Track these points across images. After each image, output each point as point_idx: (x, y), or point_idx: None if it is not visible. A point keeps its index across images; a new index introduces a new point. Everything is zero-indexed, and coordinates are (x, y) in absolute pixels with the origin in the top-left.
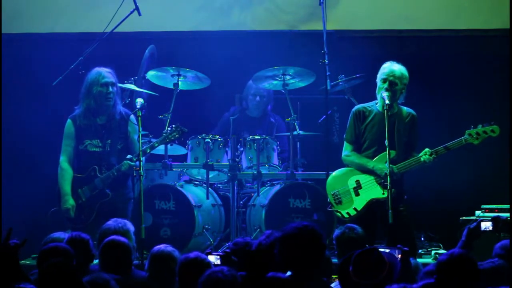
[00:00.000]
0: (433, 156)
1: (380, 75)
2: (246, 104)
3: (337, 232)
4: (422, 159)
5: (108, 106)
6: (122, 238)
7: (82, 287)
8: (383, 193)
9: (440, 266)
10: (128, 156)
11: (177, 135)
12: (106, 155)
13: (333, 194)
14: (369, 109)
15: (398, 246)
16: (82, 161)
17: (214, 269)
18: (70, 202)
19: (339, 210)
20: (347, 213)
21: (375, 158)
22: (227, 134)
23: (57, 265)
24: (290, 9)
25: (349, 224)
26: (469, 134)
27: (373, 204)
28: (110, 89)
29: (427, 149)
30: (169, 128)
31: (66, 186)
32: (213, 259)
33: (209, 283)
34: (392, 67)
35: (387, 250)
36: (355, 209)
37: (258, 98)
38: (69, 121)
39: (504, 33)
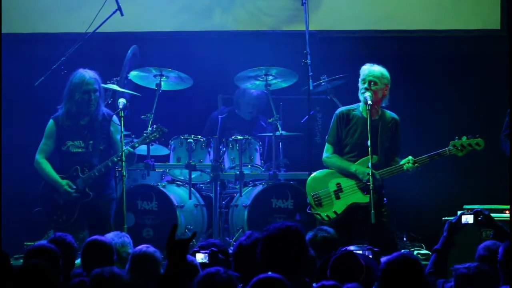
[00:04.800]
0: (416, 165)
1: (360, 77)
2: (238, 106)
3: (309, 235)
4: (405, 167)
5: (90, 111)
6: (103, 238)
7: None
8: (364, 196)
9: (383, 271)
10: (128, 145)
11: (157, 135)
12: (89, 156)
13: (313, 195)
14: (353, 112)
15: (369, 247)
16: (65, 161)
17: (209, 270)
18: (63, 182)
19: (318, 212)
20: (327, 215)
21: (356, 162)
22: (216, 133)
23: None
24: (272, 12)
25: (319, 226)
26: (454, 146)
27: (353, 208)
28: (92, 96)
29: (410, 157)
30: (150, 128)
31: (52, 173)
32: (201, 257)
33: (206, 285)
34: (371, 68)
35: (359, 252)
36: (335, 212)
37: (254, 111)
38: (51, 121)
39: (485, 34)
